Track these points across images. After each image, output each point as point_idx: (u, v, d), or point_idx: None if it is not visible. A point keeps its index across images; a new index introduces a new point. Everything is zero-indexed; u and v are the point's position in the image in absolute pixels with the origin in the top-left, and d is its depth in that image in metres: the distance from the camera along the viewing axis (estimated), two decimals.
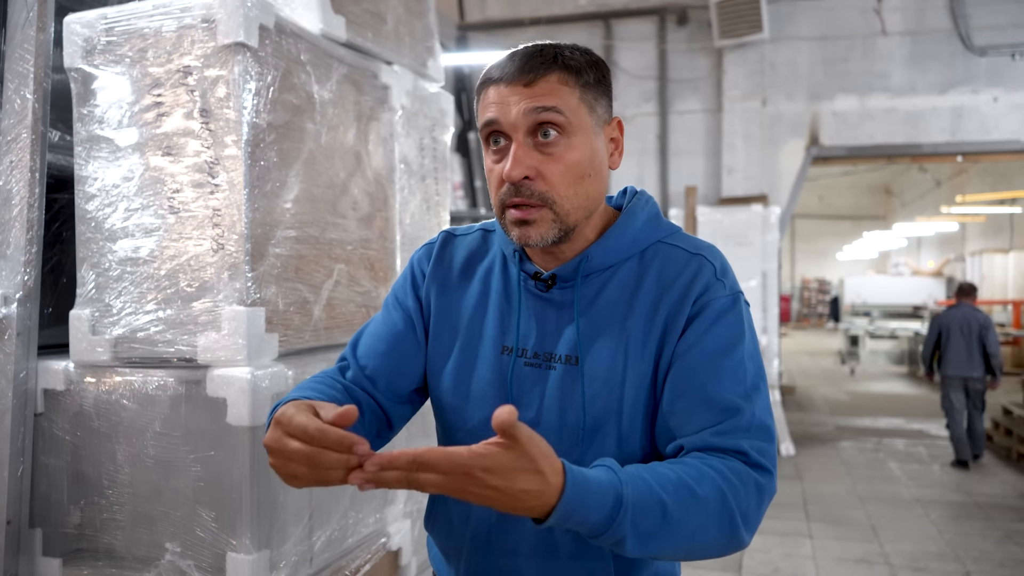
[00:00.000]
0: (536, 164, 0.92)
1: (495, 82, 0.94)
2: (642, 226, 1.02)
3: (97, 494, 1.46)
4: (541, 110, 0.91)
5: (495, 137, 0.95)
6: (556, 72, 0.92)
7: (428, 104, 2.08)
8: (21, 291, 1.48)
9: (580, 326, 0.98)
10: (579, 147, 0.94)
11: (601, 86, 0.97)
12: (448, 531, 1.07)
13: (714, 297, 0.95)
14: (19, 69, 1.51)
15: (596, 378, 0.97)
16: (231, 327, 1.37)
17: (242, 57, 1.36)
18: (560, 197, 0.93)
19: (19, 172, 1.50)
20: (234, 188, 1.37)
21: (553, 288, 1.00)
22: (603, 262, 0.99)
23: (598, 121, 0.97)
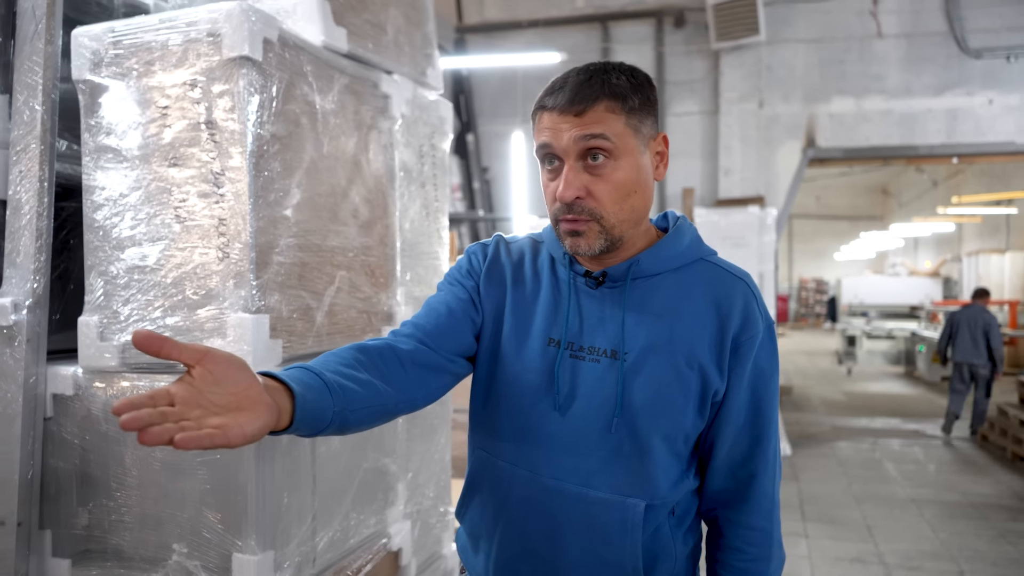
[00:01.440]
0: (586, 184, 1.02)
1: (549, 110, 1.04)
2: (688, 244, 1.12)
3: (105, 496, 1.50)
4: (590, 137, 1.00)
5: (549, 158, 1.05)
6: (604, 101, 1.02)
7: (427, 112, 2.11)
8: (31, 298, 1.51)
9: (627, 323, 1.06)
10: (625, 168, 1.03)
11: (646, 107, 1.05)
12: (483, 514, 1.14)
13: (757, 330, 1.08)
14: (28, 81, 1.54)
15: (638, 373, 1.05)
16: (237, 334, 1.40)
17: (247, 70, 1.40)
18: (607, 213, 1.03)
19: (28, 182, 1.53)
20: (239, 198, 1.41)
21: (602, 287, 1.09)
22: (651, 269, 1.08)
23: (643, 140, 1.05)
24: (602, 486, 1.06)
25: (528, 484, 1.09)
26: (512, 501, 1.10)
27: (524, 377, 1.10)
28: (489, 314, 1.16)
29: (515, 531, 1.11)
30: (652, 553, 1.08)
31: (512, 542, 1.11)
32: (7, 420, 1.49)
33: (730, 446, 1.10)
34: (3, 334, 1.50)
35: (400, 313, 1.91)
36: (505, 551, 1.12)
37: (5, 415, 1.50)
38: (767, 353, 1.09)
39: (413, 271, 2.02)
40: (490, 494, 1.13)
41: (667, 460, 1.07)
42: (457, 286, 1.19)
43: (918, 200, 17.96)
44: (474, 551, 1.18)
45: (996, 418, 6.55)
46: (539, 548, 1.09)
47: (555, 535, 1.08)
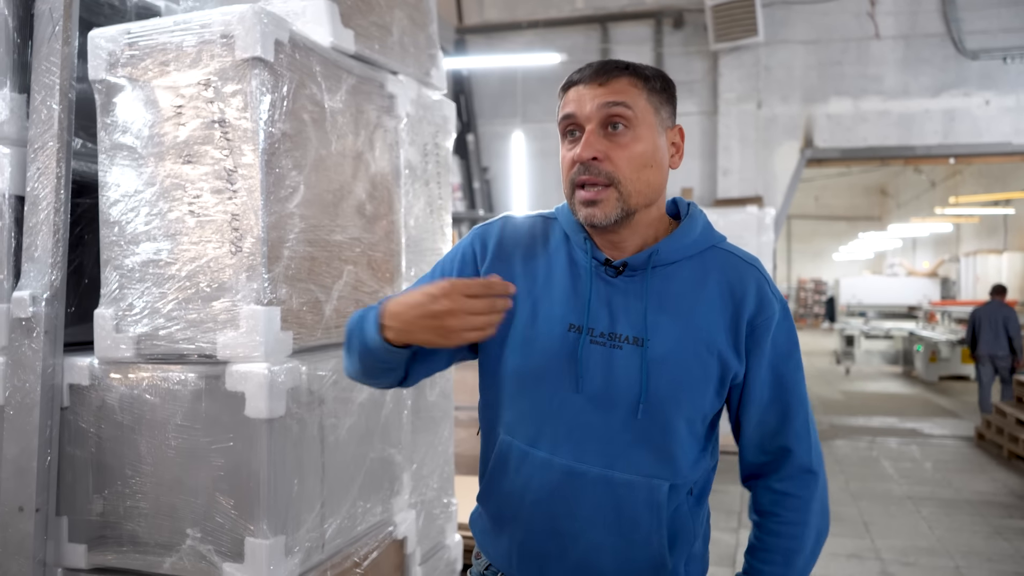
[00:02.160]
0: (605, 148, 1.06)
1: (575, 84, 1.09)
2: (701, 232, 1.16)
3: (121, 483, 1.54)
4: (612, 104, 1.05)
5: (571, 129, 1.09)
6: (627, 76, 1.08)
7: (431, 111, 2.16)
8: (48, 291, 1.56)
9: (649, 311, 1.10)
10: (644, 139, 1.07)
11: (666, 94, 1.11)
12: (508, 498, 1.15)
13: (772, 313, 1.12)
14: (45, 81, 1.59)
15: (661, 359, 1.08)
16: (249, 325, 1.45)
17: (259, 71, 1.45)
18: (624, 179, 1.06)
19: (46, 179, 1.58)
20: (251, 194, 1.45)
21: (622, 275, 1.12)
22: (670, 257, 1.12)
23: (662, 123, 1.10)
24: (627, 468, 1.09)
25: (552, 468, 1.11)
26: (536, 484, 1.12)
27: (545, 362, 1.11)
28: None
29: (541, 513, 1.12)
30: (673, 531, 1.12)
31: (538, 524, 1.13)
32: (26, 409, 1.54)
33: (757, 423, 1.15)
34: (22, 326, 1.55)
35: None
36: (531, 533, 1.14)
37: (24, 404, 1.54)
38: (784, 332, 1.13)
39: (417, 266, 2.07)
40: (514, 477, 1.15)
41: (688, 441, 1.11)
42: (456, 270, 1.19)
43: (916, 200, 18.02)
44: (496, 534, 1.19)
45: (993, 417, 6.60)
46: (565, 530, 1.11)
47: (581, 517, 1.10)
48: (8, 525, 1.55)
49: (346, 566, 1.67)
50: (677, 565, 1.13)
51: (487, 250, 1.19)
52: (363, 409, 1.75)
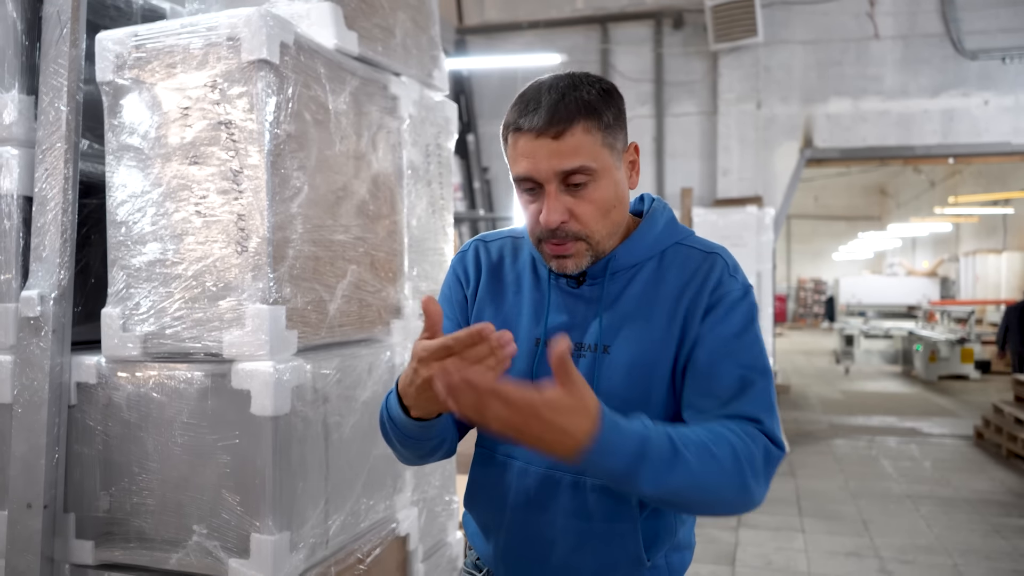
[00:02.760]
0: (569, 207, 1.05)
1: (525, 132, 1.03)
2: (662, 230, 1.15)
3: (128, 480, 1.56)
4: (572, 170, 1.02)
5: (529, 185, 1.06)
6: (581, 122, 1.02)
7: (433, 112, 2.18)
8: (56, 290, 1.58)
9: (606, 318, 1.11)
10: (605, 186, 1.06)
11: (618, 121, 1.08)
12: (489, 506, 1.18)
13: (728, 290, 1.08)
14: (53, 83, 1.61)
15: (621, 365, 1.09)
16: (254, 324, 1.47)
17: (264, 72, 1.47)
18: (592, 231, 1.07)
19: (53, 179, 1.60)
20: (257, 194, 1.47)
21: (583, 285, 1.13)
22: (628, 261, 1.12)
23: (617, 156, 1.08)
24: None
25: (528, 475, 1.14)
26: (514, 492, 1.15)
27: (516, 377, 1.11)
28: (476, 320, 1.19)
29: (520, 519, 1.15)
30: (650, 531, 1.13)
31: (518, 530, 1.15)
32: (34, 407, 1.56)
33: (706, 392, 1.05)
34: (30, 325, 1.57)
35: (407, 306, 1.98)
36: (513, 539, 1.16)
37: (32, 402, 1.56)
38: (741, 310, 1.07)
39: (420, 266, 2.09)
40: (494, 487, 1.18)
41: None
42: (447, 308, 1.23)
43: (916, 200, 18.05)
44: (484, 539, 1.22)
45: (991, 415, 6.62)
46: (544, 535, 1.13)
47: (558, 523, 1.12)
48: (16, 521, 1.57)
49: (349, 562, 1.69)
50: (657, 559, 1.14)
51: (468, 274, 1.23)
52: (367, 407, 1.77)
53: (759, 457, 0.98)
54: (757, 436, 0.99)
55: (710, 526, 4.49)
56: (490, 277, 1.22)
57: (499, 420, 0.83)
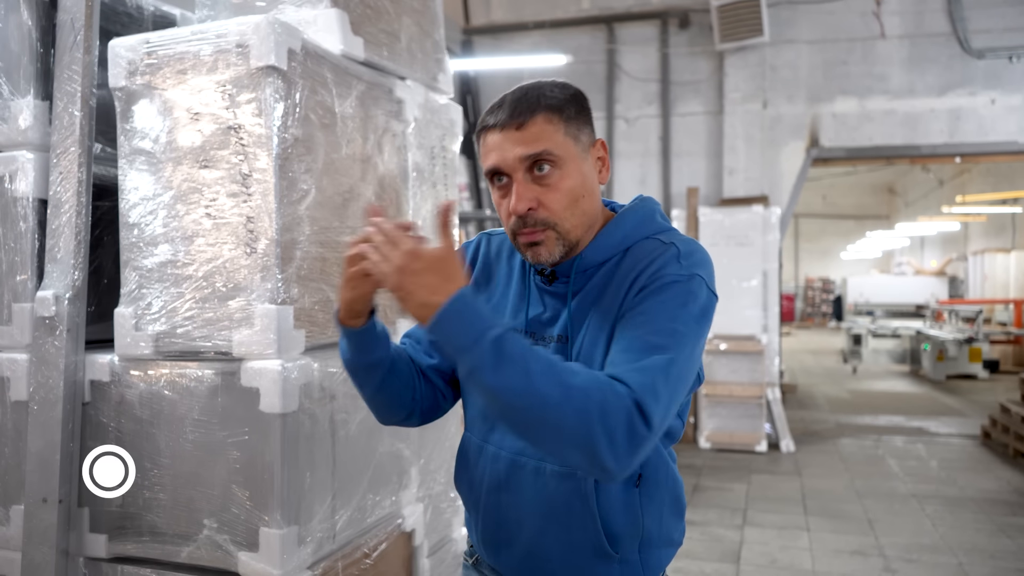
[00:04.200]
0: (536, 195, 1.09)
1: (491, 128, 1.10)
2: (632, 226, 1.17)
3: (140, 476, 1.60)
4: (534, 155, 1.08)
5: (498, 177, 1.12)
6: (542, 113, 1.08)
7: (438, 115, 2.21)
8: (71, 291, 1.62)
9: (571, 312, 1.15)
10: (571, 175, 1.10)
11: (582, 116, 1.12)
12: (469, 485, 1.25)
13: (666, 273, 1.07)
14: (67, 88, 1.65)
15: (579, 354, 1.13)
16: (263, 324, 1.51)
17: (273, 78, 1.50)
18: (560, 219, 1.10)
19: (68, 182, 1.64)
20: (265, 197, 1.51)
21: (555, 281, 1.18)
22: (595, 259, 1.15)
23: (583, 148, 1.13)
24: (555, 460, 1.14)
25: (500, 460, 1.19)
26: (489, 476, 1.20)
27: None
28: None
29: (492, 502, 1.20)
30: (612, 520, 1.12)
31: (491, 513, 1.21)
32: (49, 404, 1.60)
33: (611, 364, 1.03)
34: (45, 324, 1.61)
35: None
36: (487, 522, 1.22)
37: (47, 400, 1.61)
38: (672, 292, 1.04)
39: None
40: (472, 470, 1.24)
41: None
42: None
43: (924, 199, 17.98)
44: (470, 523, 1.30)
45: (999, 415, 6.61)
46: (512, 518, 1.18)
47: (523, 506, 1.17)
48: (32, 516, 1.61)
49: (356, 556, 1.73)
50: (628, 553, 1.14)
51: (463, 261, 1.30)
52: None
53: (619, 420, 0.92)
54: (624, 398, 0.93)
55: (715, 524, 4.52)
56: (483, 269, 1.29)
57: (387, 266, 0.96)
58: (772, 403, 6.57)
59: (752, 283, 6.63)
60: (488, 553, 1.25)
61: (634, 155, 7.64)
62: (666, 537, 1.20)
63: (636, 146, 7.63)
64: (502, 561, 1.22)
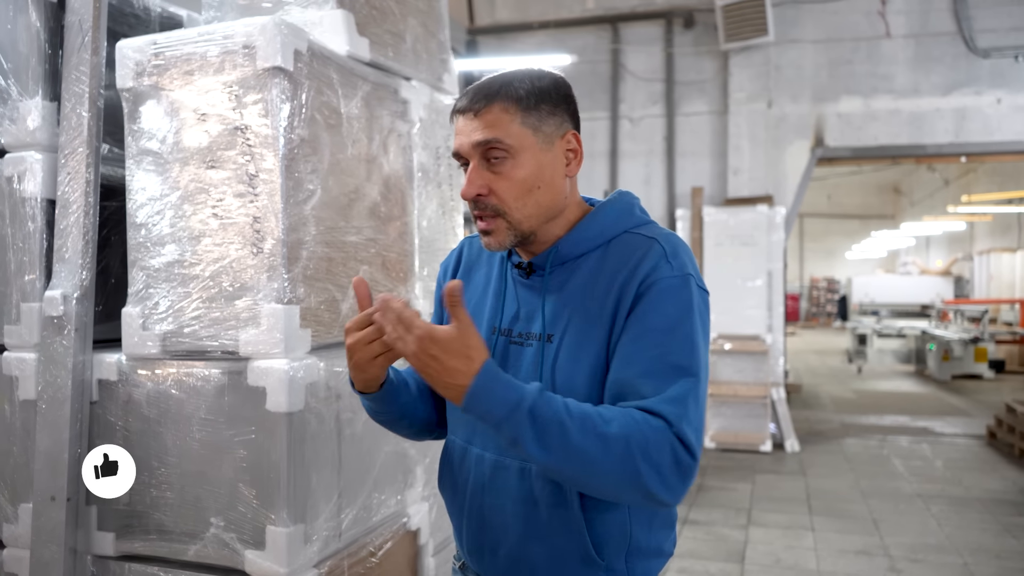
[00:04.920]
0: (488, 182, 1.09)
1: (456, 112, 1.13)
2: (611, 220, 1.16)
3: (147, 474, 1.61)
4: (484, 142, 1.09)
5: (461, 161, 1.13)
6: (498, 102, 1.08)
7: (443, 115, 2.22)
8: (78, 290, 1.63)
9: (549, 307, 1.14)
10: (524, 165, 1.09)
11: (545, 107, 1.10)
12: (453, 489, 1.23)
13: (661, 276, 1.06)
14: (75, 89, 1.66)
15: (563, 354, 1.11)
16: (270, 323, 1.51)
17: (279, 79, 1.51)
18: (510, 208, 1.10)
19: (76, 183, 1.65)
20: (272, 197, 1.52)
21: (533, 275, 1.17)
22: (572, 252, 1.14)
23: (545, 140, 1.11)
24: None
25: (484, 462, 1.17)
26: (473, 478, 1.18)
27: None
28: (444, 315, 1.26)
29: (476, 505, 1.18)
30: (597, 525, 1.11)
31: (475, 516, 1.18)
32: (57, 403, 1.61)
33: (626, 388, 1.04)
34: (53, 323, 1.63)
35: (418, 306, 2.02)
36: (471, 525, 1.19)
37: (55, 399, 1.62)
38: (673, 299, 1.05)
39: (430, 266, 2.13)
40: (456, 473, 1.22)
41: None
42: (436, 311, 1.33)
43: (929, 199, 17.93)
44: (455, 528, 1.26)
45: (1004, 415, 6.59)
46: (496, 522, 1.15)
47: (507, 509, 1.14)
48: (41, 514, 1.62)
49: (361, 555, 1.74)
50: (614, 561, 1.12)
51: (448, 269, 1.32)
52: None
53: (664, 456, 0.96)
54: (664, 433, 0.97)
55: (719, 524, 4.52)
56: (466, 271, 1.29)
57: (404, 348, 0.96)
58: (777, 403, 6.57)
59: (757, 283, 6.62)
60: (473, 559, 1.22)
61: (638, 155, 7.63)
62: (655, 547, 1.16)
63: (640, 146, 7.62)
64: (486, 567, 1.20)
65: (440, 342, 0.94)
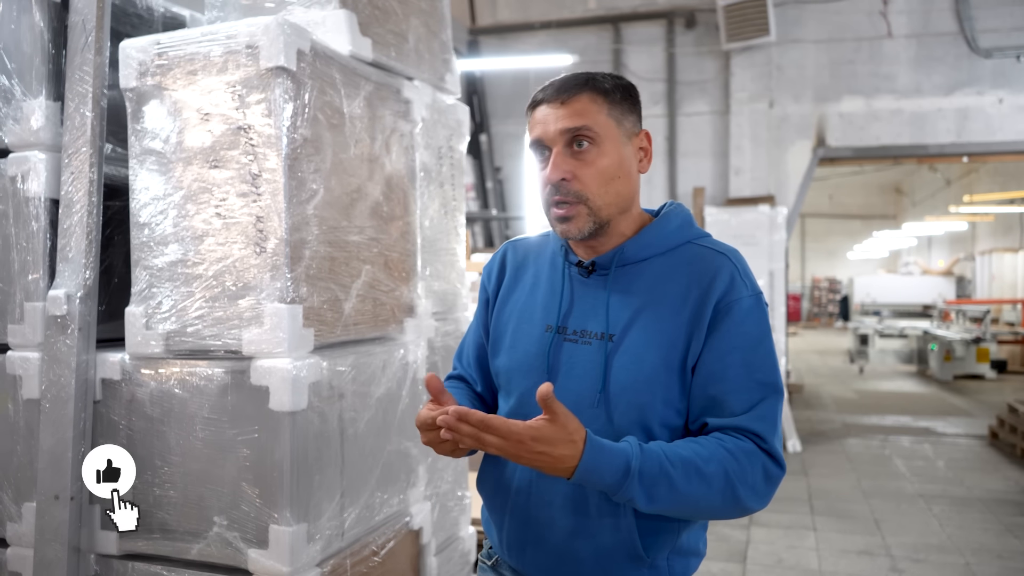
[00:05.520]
0: (572, 168, 1.11)
1: (539, 103, 1.15)
2: (675, 229, 1.20)
3: (151, 474, 1.62)
4: (574, 129, 1.11)
5: (541, 150, 1.14)
6: (587, 92, 1.13)
7: (445, 115, 2.22)
8: (82, 290, 1.64)
9: (614, 309, 1.15)
10: (608, 154, 1.13)
11: (627, 103, 1.16)
12: (496, 489, 1.24)
13: (739, 296, 1.12)
14: (79, 89, 1.66)
15: (627, 355, 1.12)
16: (273, 322, 1.52)
17: (282, 79, 1.52)
18: (593, 195, 1.12)
19: (79, 182, 1.66)
20: (275, 197, 1.52)
21: (593, 275, 1.19)
22: (637, 255, 1.17)
23: (626, 133, 1.15)
24: None
25: None
26: (519, 474, 1.20)
27: (527, 361, 1.20)
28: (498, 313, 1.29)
29: (521, 502, 1.19)
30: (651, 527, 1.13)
31: (519, 512, 1.20)
32: (61, 402, 1.62)
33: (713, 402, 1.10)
34: (57, 323, 1.63)
35: (420, 305, 2.02)
36: (514, 520, 1.21)
37: (59, 398, 1.62)
38: (754, 320, 1.11)
39: (432, 266, 2.14)
40: (501, 468, 1.23)
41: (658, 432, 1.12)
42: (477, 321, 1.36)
43: (931, 199, 17.91)
44: (493, 524, 1.27)
45: (1006, 415, 6.58)
46: (542, 518, 1.17)
47: (555, 505, 1.16)
48: (44, 513, 1.63)
49: (364, 554, 1.74)
50: (657, 558, 1.15)
51: (492, 275, 1.33)
52: (381, 403, 1.82)
53: (757, 475, 1.06)
54: (755, 455, 1.07)
55: (721, 524, 4.51)
56: (513, 275, 1.30)
57: (496, 448, 0.99)
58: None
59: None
60: (512, 554, 1.23)
61: None
62: (693, 547, 1.20)
63: None
64: (527, 561, 1.21)
65: (545, 439, 0.98)
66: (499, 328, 1.27)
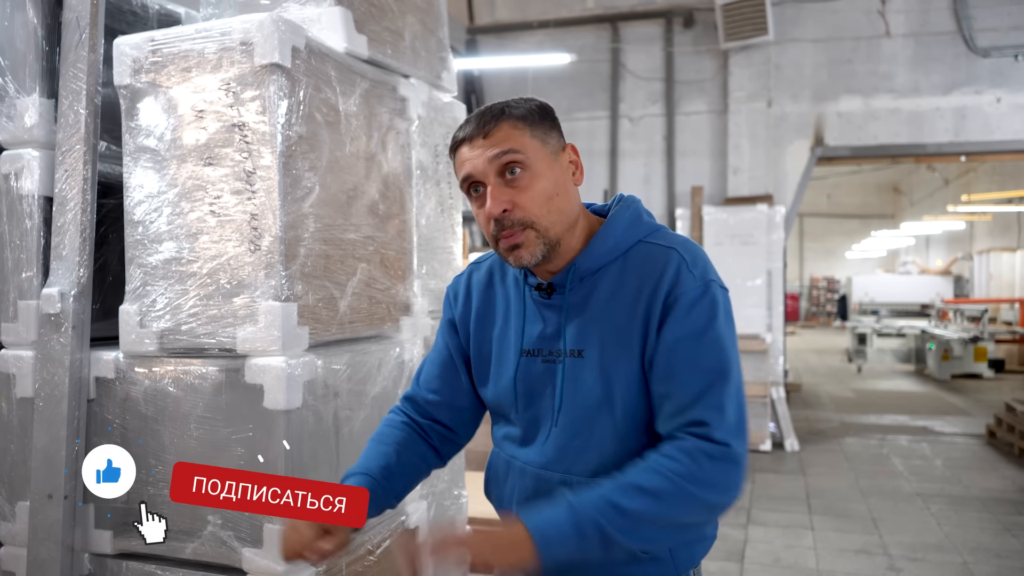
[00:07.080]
0: (510, 197, 1.11)
1: (461, 142, 1.15)
2: (623, 230, 1.18)
3: (144, 472, 1.61)
4: (502, 154, 1.11)
5: (474, 187, 1.14)
6: (505, 121, 1.13)
7: (442, 113, 2.22)
8: (76, 288, 1.63)
9: (576, 325, 1.16)
10: (542, 174, 1.13)
11: (546, 123, 1.16)
12: (500, 499, 1.28)
13: (686, 288, 1.10)
14: (73, 86, 1.66)
15: (594, 369, 1.14)
16: (267, 321, 1.51)
17: (277, 76, 1.51)
18: (536, 217, 1.12)
19: (73, 180, 1.65)
20: (269, 195, 1.52)
21: (553, 295, 1.19)
22: (590, 267, 1.17)
23: (552, 151, 1.15)
24: (582, 472, 1.16)
25: (527, 475, 1.21)
26: (519, 490, 1.22)
27: (510, 387, 1.22)
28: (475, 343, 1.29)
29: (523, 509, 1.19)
30: None
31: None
32: (54, 401, 1.61)
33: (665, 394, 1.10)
34: (51, 321, 1.62)
35: (416, 304, 2.02)
36: None
37: (53, 396, 1.61)
38: (700, 309, 1.09)
39: (429, 264, 2.13)
40: (503, 484, 1.27)
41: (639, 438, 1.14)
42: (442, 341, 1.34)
43: (929, 198, 17.92)
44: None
45: (1004, 414, 6.59)
46: None
47: None
48: (38, 512, 1.62)
49: (359, 553, 1.73)
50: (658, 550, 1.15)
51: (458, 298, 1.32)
52: (376, 402, 1.81)
53: (707, 469, 1.03)
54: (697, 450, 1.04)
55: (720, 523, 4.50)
56: (482, 299, 1.29)
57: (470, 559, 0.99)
58: (776, 402, 6.56)
59: (756, 282, 6.62)
60: None
61: (638, 154, 7.63)
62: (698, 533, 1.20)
63: (640, 145, 7.62)
64: None
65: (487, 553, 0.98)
66: (481, 357, 1.28)
